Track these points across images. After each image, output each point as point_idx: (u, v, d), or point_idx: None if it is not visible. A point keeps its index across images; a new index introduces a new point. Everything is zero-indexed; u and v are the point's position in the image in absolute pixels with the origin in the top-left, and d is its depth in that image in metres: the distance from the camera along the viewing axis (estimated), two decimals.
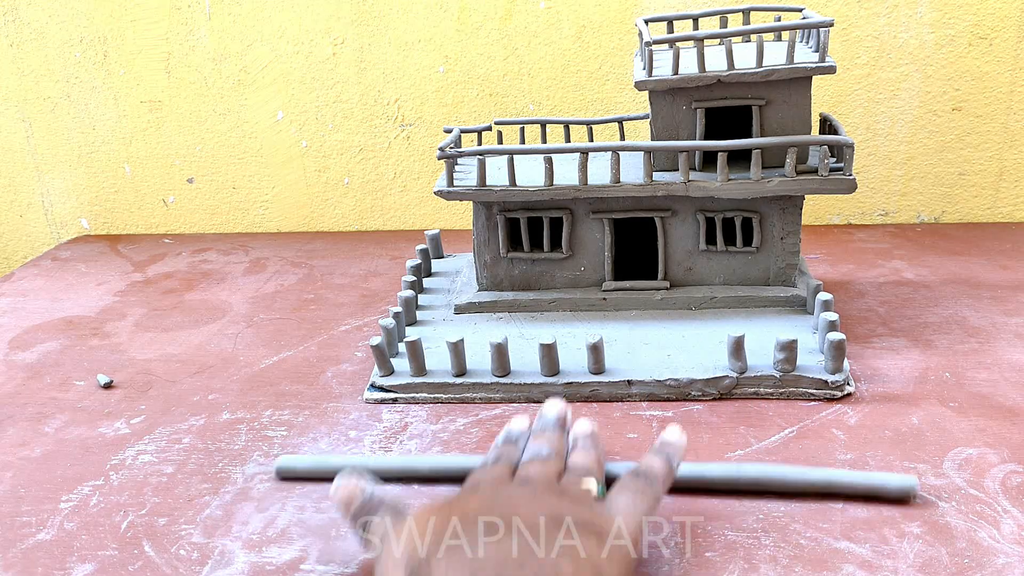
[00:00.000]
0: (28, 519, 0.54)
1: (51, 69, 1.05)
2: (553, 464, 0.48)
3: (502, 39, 0.97)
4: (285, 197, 1.08)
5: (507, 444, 0.52)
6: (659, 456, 0.49)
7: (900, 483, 0.51)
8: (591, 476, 0.47)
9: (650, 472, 0.48)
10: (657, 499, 0.47)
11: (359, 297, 0.86)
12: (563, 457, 0.50)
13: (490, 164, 0.74)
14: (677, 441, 0.50)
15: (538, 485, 0.46)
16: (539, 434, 0.52)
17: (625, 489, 0.46)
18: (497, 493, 0.45)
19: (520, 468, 0.48)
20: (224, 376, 0.71)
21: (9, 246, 1.17)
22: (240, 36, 1.00)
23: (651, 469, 0.48)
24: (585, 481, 0.47)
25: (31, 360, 0.76)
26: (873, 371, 0.65)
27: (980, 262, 0.85)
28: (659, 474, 0.48)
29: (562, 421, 0.53)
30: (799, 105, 0.67)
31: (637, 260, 0.74)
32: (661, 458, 0.49)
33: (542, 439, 0.51)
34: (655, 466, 0.48)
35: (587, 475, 0.47)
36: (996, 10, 0.89)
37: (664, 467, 0.48)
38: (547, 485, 0.46)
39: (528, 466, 0.48)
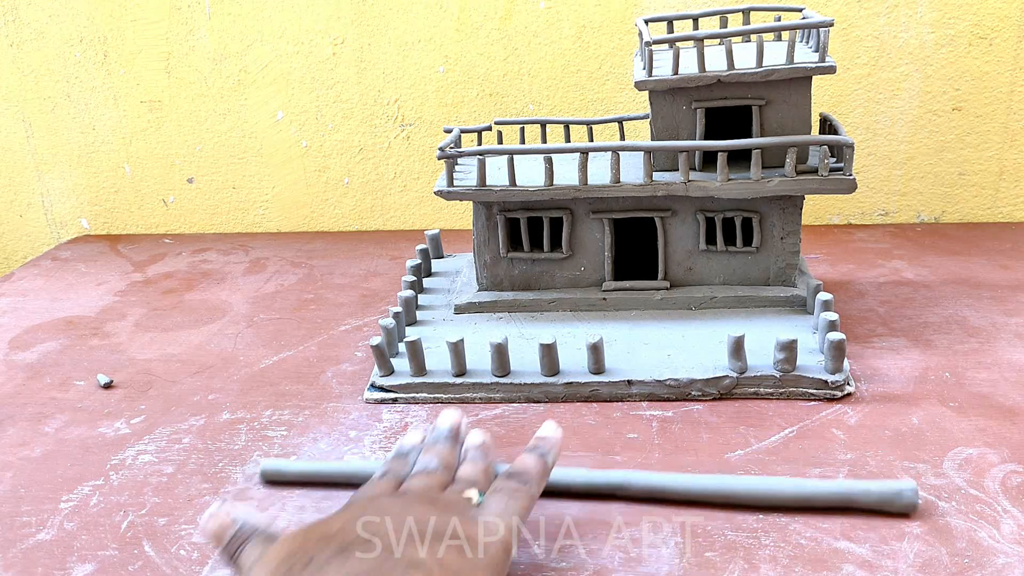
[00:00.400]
0: (28, 519, 0.54)
1: (51, 69, 1.05)
2: (439, 476, 0.48)
3: (502, 39, 0.97)
4: (285, 197, 1.08)
5: (397, 459, 0.51)
6: (533, 454, 0.49)
7: (900, 496, 0.50)
8: (475, 486, 0.47)
9: (523, 472, 0.47)
10: (531, 498, 0.46)
11: (359, 297, 0.86)
12: (452, 470, 0.49)
13: (490, 164, 0.74)
14: (552, 436, 0.50)
15: (414, 497, 0.45)
16: (430, 447, 0.51)
17: (498, 491, 0.46)
18: (367, 509, 0.44)
19: (406, 481, 0.48)
20: (224, 376, 0.71)
21: (9, 246, 1.17)
22: (240, 36, 1.00)
23: (525, 469, 0.48)
24: (467, 491, 0.46)
25: (31, 360, 0.76)
26: (873, 371, 0.65)
27: (980, 262, 0.85)
28: (532, 473, 0.47)
29: (455, 433, 0.52)
30: (799, 105, 0.67)
31: (637, 260, 0.74)
32: (535, 456, 0.49)
33: (432, 452, 0.50)
34: (528, 465, 0.48)
35: (472, 486, 0.47)
36: (996, 10, 0.89)
37: (538, 465, 0.48)
38: (424, 497, 0.45)
39: (412, 479, 0.48)
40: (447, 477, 0.48)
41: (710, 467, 0.55)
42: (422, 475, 0.48)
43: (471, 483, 0.47)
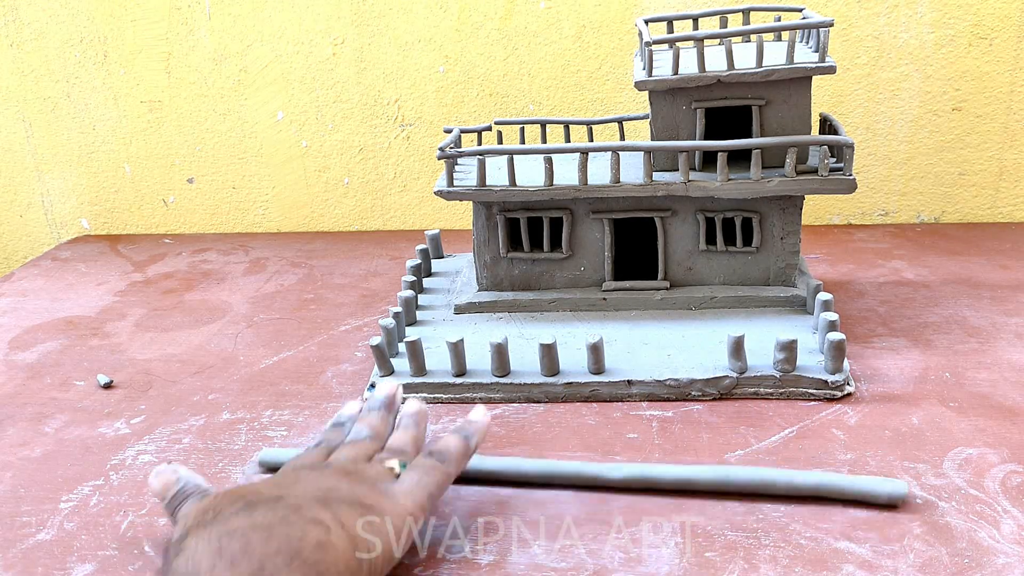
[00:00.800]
0: (28, 519, 0.54)
1: (51, 69, 1.05)
2: (367, 446, 0.50)
3: (502, 39, 0.97)
4: (285, 197, 1.08)
5: (333, 429, 0.53)
6: (457, 435, 0.50)
7: (890, 490, 0.51)
8: (403, 455, 0.49)
9: (444, 451, 0.49)
10: (448, 476, 0.48)
11: (359, 297, 0.86)
12: (383, 439, 0.51)
13: (490, 164, 0.74)
14: (479, 421, 0.52)
15: (334, 467, 0.47)
16: (364, 416, 0.52)
17: (415, 467, 0.48)
18: (287, 475, 0.46)
19: (335, 452, 0.50)
20: (224, 376, 0.71)
21: (9, 246, 1.17)
22: (240, 36, 1.00)
23: (446, 448, 0.49)
24: (390, 462, 0.48)
25: (31, 360, 0.76)
26: (873, 371, 0.65)
27: (980, 262, 0.85)
28: (453, 453, 0.49)
29: (390, 401, 0.54)
30: (799, 105, 0.67)
31: (637, 260, 0.74)
32: (458, 437, 0.50)
33: (365, 422, 0.52)
34: (450, 445, 0.49)
35: (400, 455, 0.49)
36: (996, 10, 0.89)
37: (459, 445, 0.50)
38: (344, 468, 0.47)
39: (341, 449, 0.50)
40: (376, 446, 0.50)
41: None
42: (351, 445, 0.50)
43: (400, 452, 0.49)
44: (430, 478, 0.47)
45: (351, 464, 0.48)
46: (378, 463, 0.48)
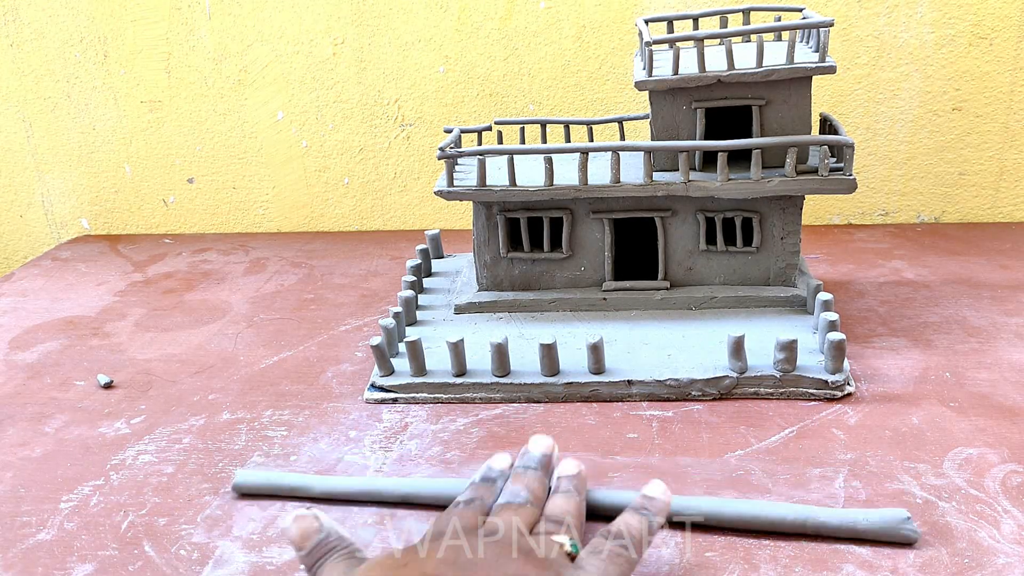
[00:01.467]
0: (28, 519, 0.54)
1: (51, 69, 1.05)
2: (527, 511, 0.46)
3: (502, 39, 0.97)
4: (285, 197, 1.08)
5: (483, 484, 0.49)
6: (637, 515, 0.45)
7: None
8: (566, 527, 0.45)
9: (626, 534, 0.44)
10: (631, 564, 0.43)
11: (359, 297, 0.86)
12: (541, 502, 0.47)
13: (490, 164, 0.74)
14: (661, 497, 0.47)
15: (505, 540, 0.42)
16: (519, 475, 0.48)
17: (597, 554, 0.43)
18: (460, 551, 0.41)
19: (492, 513, 0.46)
20: (224, 376, 0.71)
21: (9, 246, 1.17)
22: (240, 36, 1.00)
23: (627, 531, 0.44)
24: (557, 536, 0.44)
25: (31, 360, 0.77)
26: (873, 371, 0.65)
27: (980, 262, 0.85)
28: (636, 536, 0.44)
29: (547, 460, 0.50)
30: (799, 105, 0.67)
31: (637, 260, 0.74)
32: (639, 518, 0.45)
33: (521, 482, 0.48)
34: (632, 527, 0.44)
35: (561, 525, 0.45)
36: (996, 10, 0.89)
37: (641, 529, 0.44)
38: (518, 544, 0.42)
39: (502, 511, 0.46)
40: (536, 512, 0.46)
41: (710, 467, 0.55)
42: (510, 509, 0.45)
43: (560, 522, 0.45)
44: (616, 567, 0.42)
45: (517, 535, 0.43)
46: (546, 537, 0.43)
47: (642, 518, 0.45)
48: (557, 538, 0.43)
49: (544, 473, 0.49)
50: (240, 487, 0.55)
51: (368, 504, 0.54)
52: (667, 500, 0.47)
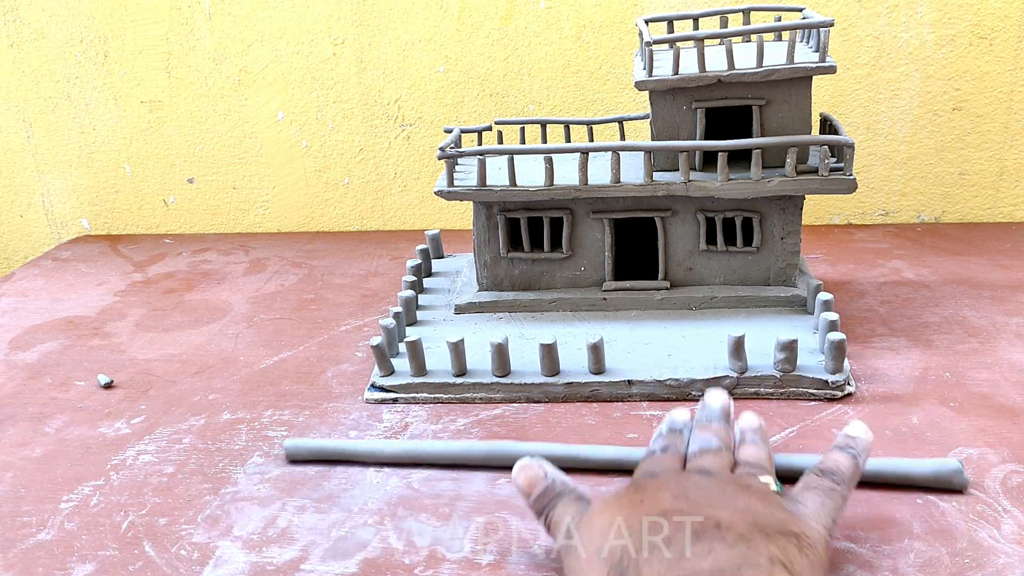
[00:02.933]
0: (28, 519, 0.54)
1: (51, 69, 1.05)
2: (725, 456, 0.46)
3: (502, 39, 0.97)
4: (285, 197, 1.08)
5: (672, 433, 0.49)
6: (845, 453, 0.46)
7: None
8: (765, 473, 0.45)
9: (837, 470, 0.45)
10: (845, 499, 0.44)
11: (359, 297, 0.86)
12: (731, 450, 0.48)
13: (490, 164, 0.74)
14: (863, 436, 0.48)
15: (722, 479, 0.43)
16: (705, 425, 0.49)
17: (813, 489, 0.44)
18: (685, 486, 0.42)
19: (692, 459, 0.47)
20: (224, 376, 0.71)
21: (9, 246, 1.17)
22: (240, 36, 1.00)
23: (838, 467, 0.45)
24: (762, 477, 0.45)
25: (31, 360, 0.77)
26: (873, 371, 0.65)
27: (980, 262, 0.85)
28: (847, 473, 0.45)
29: (727, 412, 0.51)
30: (799, 105, 0.67)
31: (637, 260, 0.74)
32: (847, 456, 0.46)
33: (709, 431, 0.48)
34: (842, 465, 0.45)
35: (761, 471, 0.45)
36: (996, 10, 0.89)
37: (851, 465, 0.46)
38: (735, 480, 0.43)
39: (701, 457, 0.46)
40: (731, 457, 0.47)
41: None
42: (709, 454, 0.46)
43: (756, 467, 0.46)
44: (832, 501, 0.43)
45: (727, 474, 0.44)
46: (752, 479, 0.44)
47: (851, 456, 0.46)
48: (762, 478, 0.44)
49: (727, 423, 0.50)
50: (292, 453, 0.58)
51: (413, 466, 0.57)
52: (870, 439, 0.48)
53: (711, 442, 0.47)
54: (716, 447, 0.47)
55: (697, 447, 0.47)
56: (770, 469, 0.46)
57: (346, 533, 0.51)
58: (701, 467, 0.45)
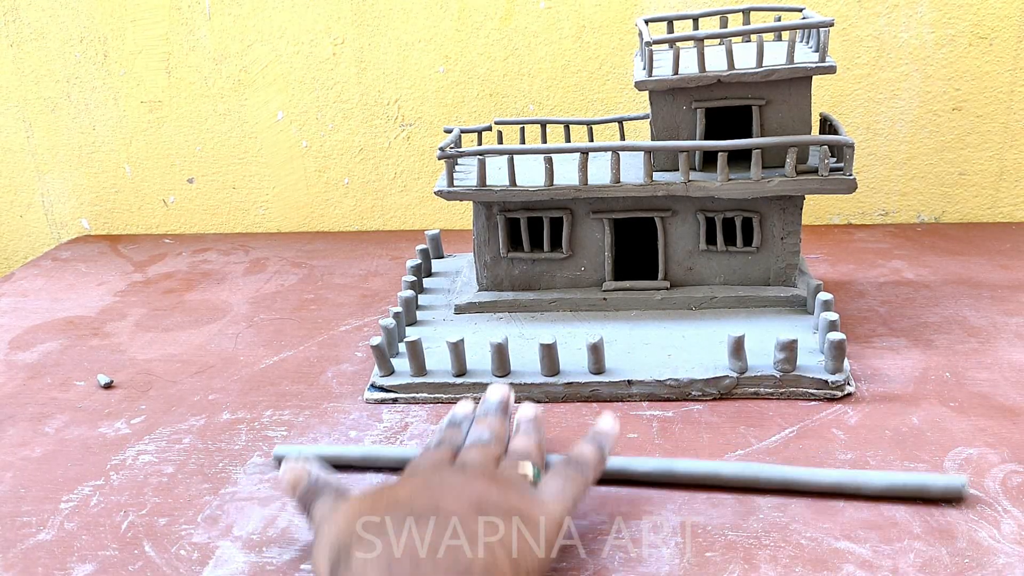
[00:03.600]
0: (28, 519, 0.54)
1: (51, 69, 1.05)
2: (493, 448, 0.50)
3: (502, 39, 0.97)
4: (285, 197, 1.08)
5: (451, 428, 0.53)
6: (591, 444, 0.51)
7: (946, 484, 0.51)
8: (529, 460, 0.49)
9: (581, 459, 0.49)
10: (586, 485, 0.49)
11: (359, 297, 0.86)
12: (504, 442, 0.52)
13: (490, 164, 0.74)
14: (610, 430, 0.52)
15: (473, 470, 0.47)
16: (481, 419, 0.53)
17: (557, 475, 0.48)
18: (430, 479, 0.46)
19: (461, 453, 0.50)
20: (224, 376, 0.71)
21: (9, 246, 1.17)
22: (240, 36, 1.00)
23: (582, 456, 0.50)
24: (522, 465, 0.48)
25: (31, 360, 0.77)
26: (873, 371, 0.65)
27: (980, 262, 0.85)
28: (590, 461, 0.49)
29: (504, 405, 0.55)
30: (799, 105, 0.67)
31: (637, 260, 0.74)
32: (593, 446, 0.51)
33: (484, 424, 0.52)
34: (586, 453, 0.50)
35: (525, 459, 0.49)
36: (996, 10, 0.89)
37: (595, 454, 0.50)
38: (483, 470, 0.47)
39: (468, 451, 0.50)
40: (500, 449, 0.51)
41: None
42: (477, 447, 0.50)
43: (524, 455, 0.49)
44: (573, 486, 0.47)
45: (484, 466, 0.48)
46: (511, 467, 0.48)
47: (596, 446, 0.51)
48: (521, 467, 0.48)
49: (503, 416, 0.54)
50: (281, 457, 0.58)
51: None
52: (616, 430, 0.53)
53: (483, 435, 0.51)
54: (487, 440, 0.51)
55: (470, 440, 0.51)
56: (535, 456, 0.50)
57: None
58: (463, 460, 0.49)
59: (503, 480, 0.46)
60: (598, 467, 0.50)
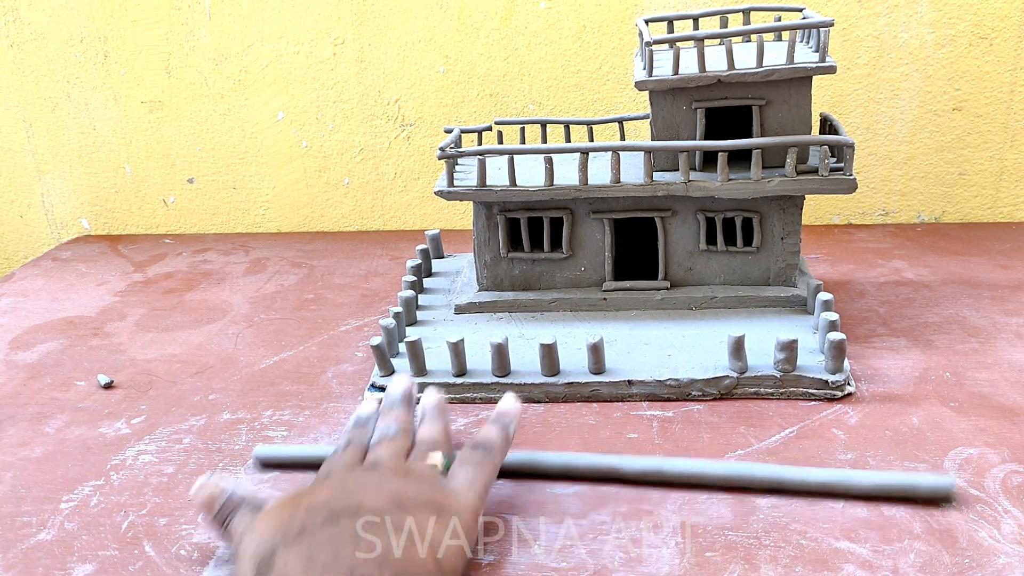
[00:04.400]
0: (29, 519, 0.54)
1: (51, 69, 1.05)
2: (400, 441, 0.50)
3: (502, 39, 0.97)
4: (285, 197, 1.08)
5: (357, 428, 0.53)
6: (495, 425, 0.52)
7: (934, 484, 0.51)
8: (437, 449, 0.50)
9: (487, 443, 0.50)
10: (495, 467, 0.50)
11: (359, 297, 0.86)
12: (411, 433, 0.52)
13: (490, 164, 0.74)
14: (511, 409, 0.53)
15: (385, 467, 0.47)
16: (386, 413, 0.53)
17: (465, 463, 0.49)
18: (346, 480, 0.46)
19: (370, 450, 0.50)
20: (224, 376, 0.71)
21: (9, 246, 1.17)
22: (240, 36, 1.00)
23: (488, 439, 0.50)
24: (431, 456, 0.49)
25: (31, 360, 0.77)
26: (873, 371, 0.65)
27: (980, 262, 0.85)
28: (496, 443, 0.50)
29: (408, 397, 0.55)
30: (799, 105, 0.67)
31: (637, 260, 0.74)
32: (497, 427, 0.51)
33: (389, 417, 0.53)
34: (492, 436, 0.51)
35: (433, 448, 0.50)
36: (996, 10, 0.89)
37: (501, 435, 0.51)
38: (394, 466, 0.48)
39: (377, 447, 0.50)
40: (407, 441, 0.51)
41: None
42: (385, 442, 0.50)
43: (432, 445, 0.50)
44: (482, 472, 0.48)
45: (395, 462, 0.48)
46: (419, 459, 0.49)
47: (500, 427, 0.52)
48: (430, 458, 0.49)
49: (407, 406, 0.54)
50: (262, 459, 0.58)
51: None
52: (519, 408, 0.54)
53: (390, 429, 0.51)
54: (394, 433, 0.51)
55: (377, 437, 0.51)
56: (442, 443, 0.51)
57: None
58: (374, 458, 0.49)
59: (416, 474, 0.47)
60: (504, 448, 0.51)
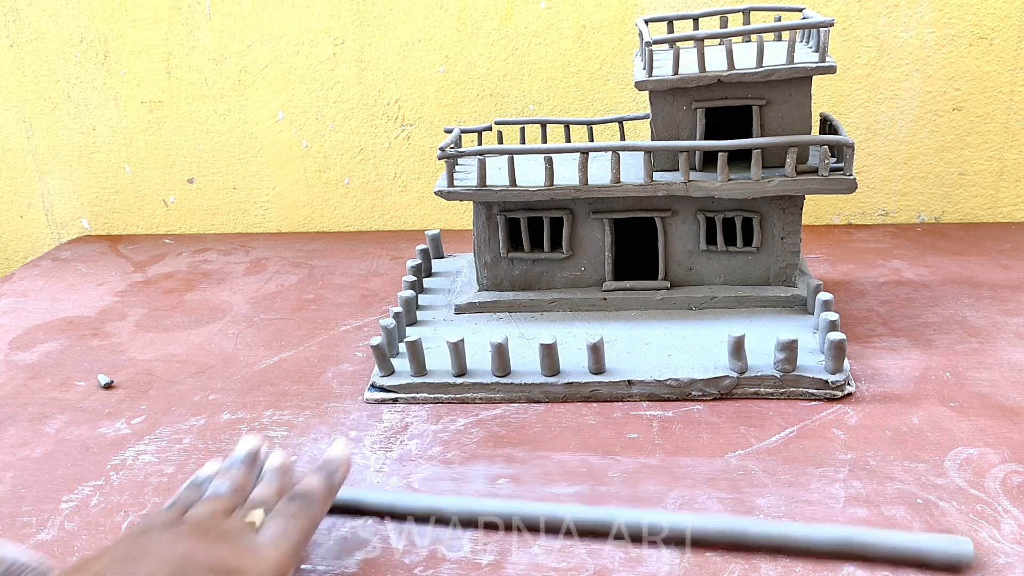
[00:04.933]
0: (29, 519, 0.54)
1: (51, 69, 1.05)
2: (226, 500, 0.47)
3: (502, 39, 0.97)
4: (285, 197, 1.08)
5: (190, 488, 0.49)
6: (319, 474, 0.49)
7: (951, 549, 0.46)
8: (263, 507, 0.46)
9: (307, 493, 0.47)
10: (314, 519, 0.46)
11: (359, 297, 0.86)
12: (244, 493, 0.48)
13: (490, 164, 0.74)
14: (339, 456, 0.50)
15: (189, 528, 0.44)
16: (224, 472, 0.50)
17: (278, 515, 0.45)
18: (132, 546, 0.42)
19: (190, 509, 0.46)
20: (224, 376, 0.71)
21: (9, 246, 1.17)
22: (240, 36, 1.01)
23: (308, 490, 0.47)
24: (252, 513, 0.45)
25: (32, 360, 0.77)
26: (873, 371, 0.65)
27: (980, 262, 0.85)
28: (317, 493, 0.47)
29: (252, 457, 0.51)
30: (799, 105, 0.67)
31: (637, 260, 0.74)
32: (319, 476, 0.48)
33: (225, 477, 0.49)
34: (312, 486, 0.47)
35: (259, 507, 0.46)
36: (996, 10, 0.89)
37: (322, 485, 0.48)
38: (199, 526, 0.44)
39: (197, 506, 0.46)
40: (237, 500, 0.47)
41: (711, 466, 0.55)
42: (208, 501, 0.47)
43: (260, 503, 0.46)
44: (295, 525, 0.45)
45: (208, 520, 0.44)
46: (238, 518, 0.45)
47: (324, 475, 0.49)
48: (250, 516, 0.45)
49: (250, 468, 0.50)
50: None
51: None
52: (347, 455, 0.51)
53: (221, 488, 0.48)
54: (223, 492, 0.47)
55: (207, 495, 0.48)
56: (271, 503, 0.47)
57: (346, 533, 0.51)
58: (189, 516, 0.45)
59: (218, 534, 0.43)
60: (326, 498, 0.47)
